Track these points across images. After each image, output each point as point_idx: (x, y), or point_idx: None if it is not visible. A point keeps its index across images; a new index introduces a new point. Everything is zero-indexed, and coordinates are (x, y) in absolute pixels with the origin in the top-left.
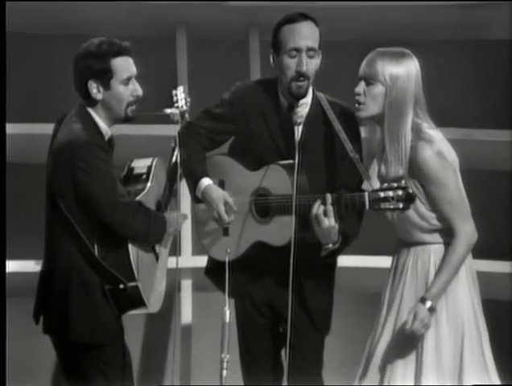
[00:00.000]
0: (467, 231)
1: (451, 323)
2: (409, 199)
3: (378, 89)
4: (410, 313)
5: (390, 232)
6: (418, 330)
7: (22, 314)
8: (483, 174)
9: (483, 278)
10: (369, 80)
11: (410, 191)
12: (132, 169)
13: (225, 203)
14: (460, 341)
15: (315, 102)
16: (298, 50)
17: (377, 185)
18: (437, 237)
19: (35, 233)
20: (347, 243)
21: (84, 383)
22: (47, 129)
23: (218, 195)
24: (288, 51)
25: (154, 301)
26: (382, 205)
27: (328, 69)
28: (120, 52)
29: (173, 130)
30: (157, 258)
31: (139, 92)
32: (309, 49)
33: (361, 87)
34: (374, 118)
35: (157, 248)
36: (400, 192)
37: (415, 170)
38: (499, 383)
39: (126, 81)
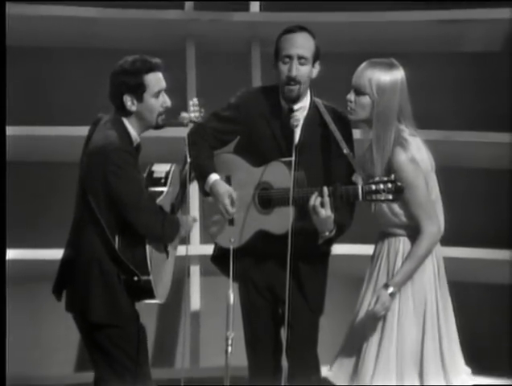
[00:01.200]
0: (431, 230)
1: (415, 304)
2: (398, 191)
3: (366, 100)
4: (373, 296)
5: (376, 224)
6: (378, 312)
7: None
8: (462, 171)
9: (456, 263)
10: (359, 91)
11: (399, 184)
12: (152, 172)
13: (231, 196)
14: (421, 320)
15: (313, 106)
16: (290, 57)
17: (360, 181)
18: (406, 231)
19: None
20: (341, 232)
21: (105, 358)
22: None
23: (224, 190)
24: (282, 58)
25: (162, 294)
26: (374, 196)
27: (326, 76)
28: (152, 68)
29: (184, 132)
30: (167, 255)
31: (168, 103)
32: (300, 57)
33: (351, 95)
34: (363, 121)
35: (168, 246)
36: (390, 185)
37: (391, 171)
38: (457, 362)
39: (157, 94)
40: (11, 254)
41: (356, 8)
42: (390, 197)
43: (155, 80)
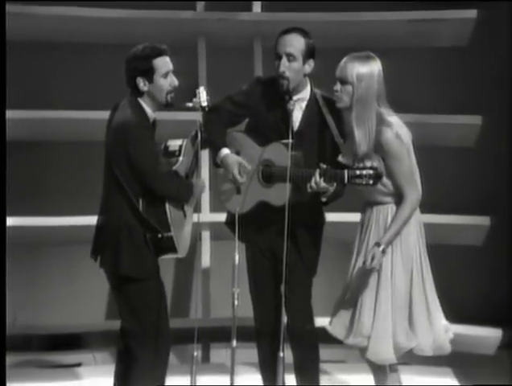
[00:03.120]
0: (413, 196)
1: (403, 262)
2: (377, 177)
3: (349, 88)
4: (369, 253)
5: (364, 194)
6: (374, 267)
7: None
8: (433, 149)
9: (433, 228)
10: (343, 81)
11: (379, 171)
12: (168, 147)
13: (239, 166)
14: (409, 277)
15: (313, 97)
16: (279, 55)
17: (350, 160)
18: (392, 199)
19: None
20: (336, 197)
21: (130, 308)
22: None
23: (233, 160)
24: (276, 56)
25: (183, 249)
26: (358, 181)
27: (319, 68)
28: (160, 53)
29: (195, 116)
30: (185, 215)
31: (175, 82)
32: (288, 54)
33: (338, 86)
34: (347, 108)
35: (185, 207)
36: (371, 172)
37: (379, 148)
38: (439, 309)
39: (165, 75)
40: (50, 221)
41: (343, 8)
42: (371, 182)
43: (163, 63)
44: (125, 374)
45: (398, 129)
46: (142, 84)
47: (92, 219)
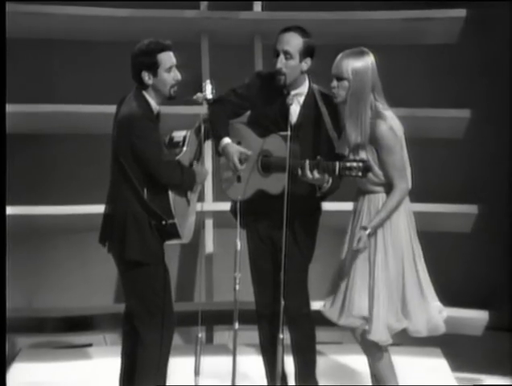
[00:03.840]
0: (402, 186)
1: (394, 247)
2: (366, 170)
3: (345, 84)
4: (356, 236)
5: (357, 183)
6: (360, 249)
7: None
8: (424, 141)
9: (424, 216)
10: (339, 77)
11: (368, 164)
12: (172, 138)
13: (240, 155)
14: (400, 261)
15: (311, 92)
16: (277, 52)
17: (345, 151)
18: (383, 188)
19: None
20: (332, 191)
21: (136, 292)
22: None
23: (234, 149)
24: (274, 52)
25: (187, 235)
26: (348, 172)
27: (316, 63)
28: (164, 48)
29: (198, 111)
30: (188, 203)
31: (178, 76)
32: (285, 52)
33: (334, 82)
34: (344, 103)
35: (188, 195)
36: (361, 164)
37: (373, 139)
38: (432, 291)
39: (169, 69)
40: (59, 210)
41: (340, 8)
42: (360, 174)
43: (167, 58)
44: (131, 353)
45: (392, 123)
46: (147, 77)
47: (101, 208)
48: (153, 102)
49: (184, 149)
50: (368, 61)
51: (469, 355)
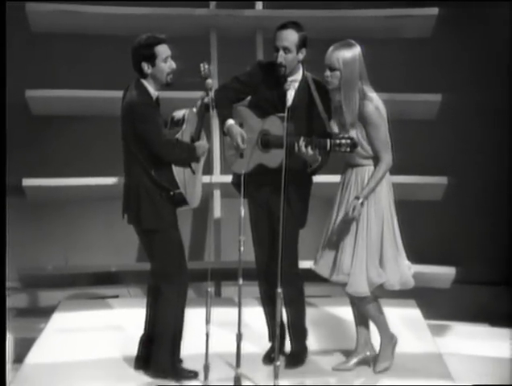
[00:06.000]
0: (387, 159)
1: (376, 213)
2: (354, 146)
3: (337, 73)
4: (350, 205)
5: (346, 157)
6: (355, 216)
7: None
8: (402, 121)
9: (400, 186)
10: (331, 67)
11: (355, 141)
12: (173, 117)
13: (241, 136)
14: (381, 225)
15: (304, 79)
16: (277, 48)
17: (336, 129)
18: (370, 162)
19: None
20: (320, 167)
21: (155, 255)
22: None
23: (237, 131)
24: (274, 48)
25: (195, 201)
26: (338, 148)
27: (312, 55)
28: (160, 42)
29: (196, 95)
30: (193, 172)
31: (174, 65)
32: (284, 48)
33: (327, 72)
34: (337, 88)
35: (193, 166)
36: (349, 141)
37: (362, 117)
38: (403, 251)
39: (165, 60)
40: (87, 181)
41: (331, 6)
42: (348, 150)
43: (163, 50)
44: (154, 304)
45: (377, 103)
46: (146, 67)
47: (121, 180)
48: (151, 89)
49: (184, 126)
50: (356, 52)
51: (440, 305)
